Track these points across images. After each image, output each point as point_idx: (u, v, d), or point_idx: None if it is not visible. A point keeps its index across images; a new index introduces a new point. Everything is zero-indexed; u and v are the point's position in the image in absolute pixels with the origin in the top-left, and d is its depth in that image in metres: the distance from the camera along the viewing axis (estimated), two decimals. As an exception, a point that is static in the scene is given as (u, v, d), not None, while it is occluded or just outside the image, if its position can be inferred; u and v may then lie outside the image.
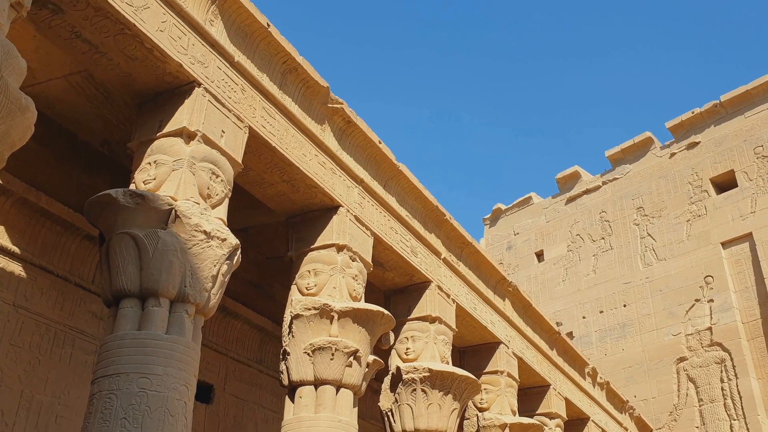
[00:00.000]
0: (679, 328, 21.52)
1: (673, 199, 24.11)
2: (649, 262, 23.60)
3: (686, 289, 22.03)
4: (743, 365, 19.60)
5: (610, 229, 25.47)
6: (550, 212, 28.02)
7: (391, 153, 10.45)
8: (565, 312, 24.81)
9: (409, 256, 10.72)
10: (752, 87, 23.41)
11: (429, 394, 10.03)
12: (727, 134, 23.68)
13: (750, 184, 22.27)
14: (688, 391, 20.45)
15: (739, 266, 21.43)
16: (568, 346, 16.12)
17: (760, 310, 20.31)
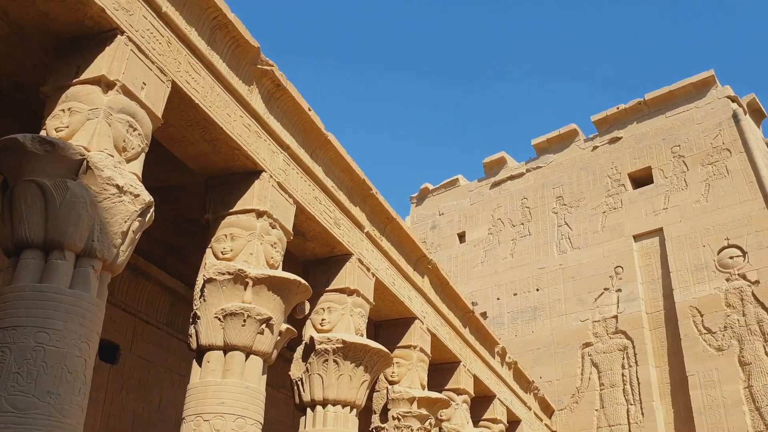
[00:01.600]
0: (587, 315, 22.38)
1: (592, 190, 24.92)
2: (564, 250, 24.37)
3: (597, 277, 22.90)
4: (644, 353, 20.60)
5: (530, 216, 26.13)
6: (475, 195, 28.48)
7: (320, 121, 10.31)
8: (481, 292, 25.38)
9: (332, 228, 10.66)
10: (675, 88, 24.34)
11: (341, 365, 10.07)
12: (648, 132, 24.59)
13: (665, 182, 23.23)
14: (591, 375, 21.35)
15: (648, 259, 22.41)
16: (480, 325, 16.50)
17: (663, 302, 21.34)
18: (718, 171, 22.17)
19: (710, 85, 23.82)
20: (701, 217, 21.66)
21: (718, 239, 20.91)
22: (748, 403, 18.19)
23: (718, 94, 23.60)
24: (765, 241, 19.95)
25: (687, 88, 24.17)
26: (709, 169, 22.42)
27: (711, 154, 22.63)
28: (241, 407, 7.92)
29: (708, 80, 23.78)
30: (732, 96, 23.37)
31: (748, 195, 21.11)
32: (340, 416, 9.90)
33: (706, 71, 23.91)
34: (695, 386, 19.12)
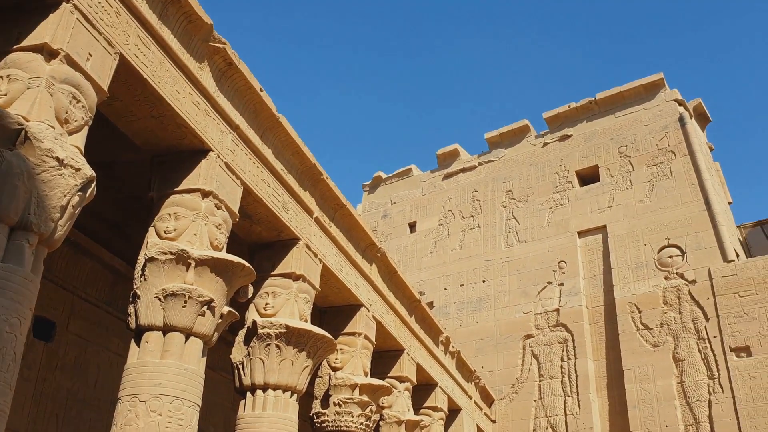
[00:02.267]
0: (530, 307, 22.80)
1: (541, 186, 25.32)
2: (510, 243, 24.74)
3: (541, 271, 23.33)
4: (583, 347, 21.11)
5: (480, 209, 26.42)
6: (428, 186, 28.63)
7: (271, 103, 10.18)
8: (429, 282, 25.58)
9: (280, 212, 10.56)
10: (625, 89, 24.86)
11: (283, 349, 10.02)
12: (597, 131, 25.09)
13: (611, 181, 23.76)
14: (531, 367, 21.78)
15: (591, 255, 22.93)
16: (426, 314, 16.64)
17: (603, 298, 21.88)
18: (663, 172, 22.77)
19: (659, 87, 24.41)
20: (644, 216, 22.24)
21: (658, 238, 21.51)
22: (680, 398, 18.83)
23: (666, 97, 24.20)
24: (703, 242, 20.61)
25: (637, 89, 24.72)
26: (654, 170, 23.01)
27: (656, 156, 23.22)
28: (179, 389, 7.81)
29: (657, 83, 24.37)
30: (679, 99, 24.01)
31: (689, 197, 21.75)
32: (280, 401, 9.86)
33: (655, 74, 24.48)
34: (630, 380, 19.70)
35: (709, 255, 20.33)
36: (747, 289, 18.99)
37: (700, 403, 18.42)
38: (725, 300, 19.20)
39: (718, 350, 18.70)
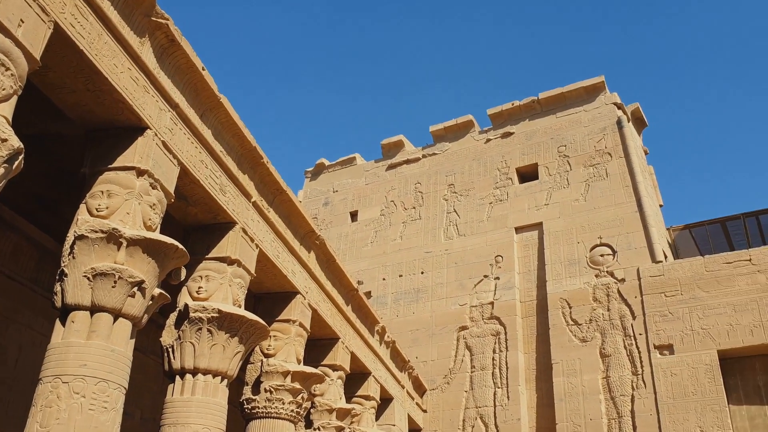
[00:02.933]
0: (466, 300, 23.14)
1: (482, 181, 25.68)
2: (450, 236, 25.02)
3: (478, 265, 23.69)
4: (514, 340, 21.56)
5: (422, 201, 26.62)
6: (371, 175, 28.64)
7: (213, 82, 9.99)
8: (368, 272, 25.65)
9: (217, 194, 10.40)
10: (567, 90, 25.39)
11: (215, 334, 9.89)
12: (538, 130, 25.58)
13: (549, 179, 24.26)
14: (464, 358, 22.13)
15: (526, 251, 23.40)
16: (363, 303, 16.69)
17: (536, 293, 22.38)
18: (599, 173, 23.38)
19: (600, 90, 25.02)
20: (579, 215, 22.82)
21: (591, 237, 22.11)
22: (605, 392, 19.46)
23: (606, 100, 24.83)
24: (634, 243, 21.28)
25: (578, 91, 25.28)
26: (591, 170, 23.61)
27: (593, 157, 23.83)
28: (105, 370, 7.63)
29: (598, 86, 24.97)
30: (618, 103, 24.67)
31: (623, 198, 22.40)
32: (210, 385, 9.74)
33: (597, 77, 25.07)
34: (558, 374, 20.24)
35: (639, 255, 21.01)
36: (673, 290, 19.71)
37: (624, 398, 19.08)
38: (652, 299, 19.89)
39: (643, 347, 19.38)
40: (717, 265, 19.48)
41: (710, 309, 18.92)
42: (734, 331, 18.40)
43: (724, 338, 18.43)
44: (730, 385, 18.43)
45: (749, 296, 18.59)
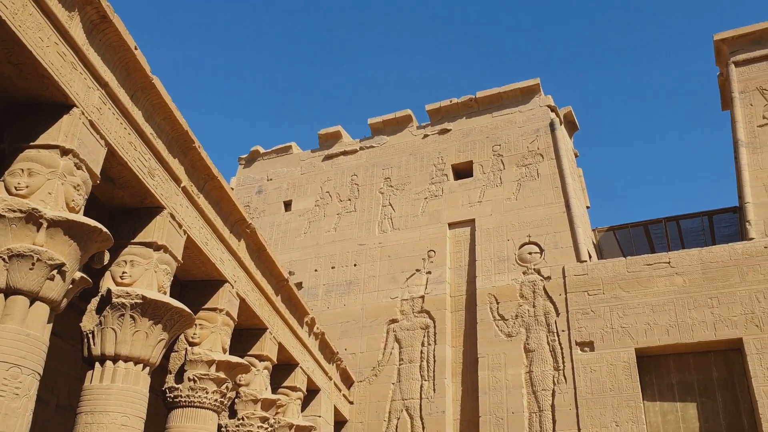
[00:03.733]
0: (398, 293, 23.32)
1: (418, 176, 25.89)
2: (384, 229, 25.14)
3: (411, 259, 23.90)
4: (443, 333, 21.87)
5: (358, 193, 26.63)
6: (307, 165, 28.47)
7: (146, 63, 9.72)
8: (300, 263, 25.51)
9: (145, 177, 10.13)
10: (504, 90, 25.83)
11: (138, 321, 9.66)
12: (475, 128, 25.96)
13: (483, 177, 24.67)
14: (393, 351, 22.31)
15: (458, 247, 23.75)
16: (293, 294, 16.59)
17: (466, 288, 22.75)
18: (530, 173, 23.92)
19: (535, 92, 25.56)
20: (510, 213, 23.29)
21: (521, 235, 22.62)
22: (527, 387, 19.98)
23: (541, 103, 25.40)
24: (561, 242, 21.88)
25: (514, 92, 25.76)
26: (523, 170, 24.13)
27: (526, 157, 24.35)
28: (18, 355, 7.35)
29: (533, 88, 25.51)
30: (552, 106, 25.27)
31: (552, 198, 22.99)
32: (131, 373, 9.51)
33: (533, 79, 25.60)
34: (484, 367, 20.65)
35: (565, 254, 21.62)
36: (596, 289, 20.38)
37: (545, 392, 19.64)
38: (575, 297, 20.51)
39: (565, 344, 19.97)
40: (638, 266, 20.24)
41: (630, 308, 19.65)
42: (651, 330, 19.17)
43: (641, 337, 19.17)
44: (645, 382, 19.21)
45: (667, 297, 19.40)
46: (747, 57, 22.96)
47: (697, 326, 18.72)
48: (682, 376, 19.11)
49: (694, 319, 18.83)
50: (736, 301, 18.61)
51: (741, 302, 18.55)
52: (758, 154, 21.07)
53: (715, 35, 23.57)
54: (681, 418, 18.68)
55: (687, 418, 18.62)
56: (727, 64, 23.30)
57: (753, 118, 21.82)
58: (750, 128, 21.67)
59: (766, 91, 22.08)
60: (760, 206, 20.12)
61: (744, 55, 23.03)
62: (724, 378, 18.70)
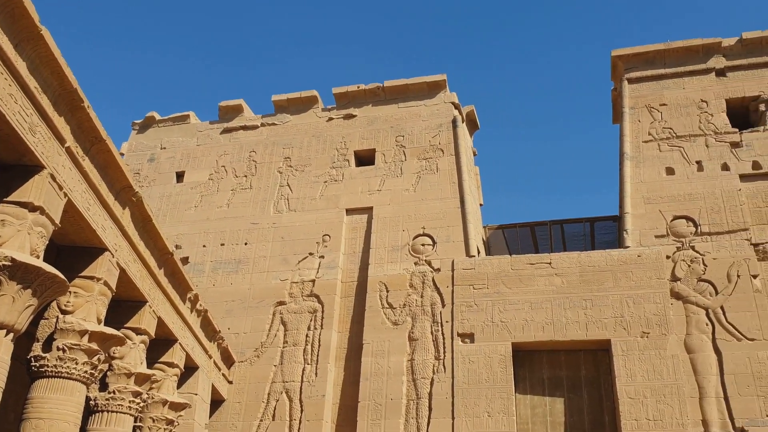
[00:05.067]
0: (288, 275, 23.11)
1: (319, 159, 25.72)
2: (280, 210, 24.83)
3: (305, 241, 23.73)
4: (330, 318, 21.90)
5: (255, 170, 26.14)
6: (204, 137, 27.63)
7: (35, 11, 9.07)
8: (188, 237, 24.78)
9: (25, 133, 9.47)
10: (411, 83, 26.06)
11: (5, 284, 9.05)
12: (380, 116, 26.07)
13: (384, 166, 24.83)
14: (277, 333, 22.11)
15: (354, 233, 23.82)
16: (177, 268, 16.09)
17: (358, 274, 22.87)
18: (430, 167, 24.31)
19: (441, 88, 25.95)
20: (407, 204, 23.60)
21: (416, 227, 22.97)
22: (408, 374, 20.37)
23: (445, 99, 25.82)
24: (453, 236, 22.39)
25: (421, 85, 26.05)
26: (423, 163, 24.48)
27: (427, 151, 24.72)
28: None
29: (440, 83, 25.89)
30: (456, 103, 25.75)
31: (448, 193, 23.47)
32: (-9, 339, 8.89)
33: (440, 75, 25.97)
34: (368, 354, 20.87)
35: (456, 248, 22.16)
36: (481, 283, 21.02)
37: (425, 380, 20.09)
38: (461, 290, 21.07)
39: (448, 334, 20.50)
40: (521, 264, 21.04)
41: (511, 304, 20.41)
42: (529, 326, 20.00)
43: (519, 332, 19.97)
44: (519, 376, 20.05)
45: (545, 296, 20.30)
46: (640, 75, 24.27)
47: (571, 325, 19.70)
48: (554, 371, 20.09)
49: (569, 318, 19.80)
50: (608, 304, 19.73)
51: (612, 305, 19.68)
52: (641, 168, 22.36)
53: (613, 51, 24.75)
54: (549, 411, 19.65)
55: (554, 412, 19.61)
56: (621, 80, 24.54)
57: (639, 134, 23.12)
58: (636, 143, 22.95)
59: (654, 110, 23.44)
60: (638, 217, 21.38)
61: (637, 73, 24.33)
62: (591, 376, 19.81)
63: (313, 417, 20.37)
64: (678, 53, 24.11)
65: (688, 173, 21.85)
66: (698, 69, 23.76)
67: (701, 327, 19.10)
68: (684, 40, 24.13)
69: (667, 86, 23.83)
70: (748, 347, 18.48)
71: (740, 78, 23.34)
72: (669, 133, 22.82)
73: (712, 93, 23.28)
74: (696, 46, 23.92)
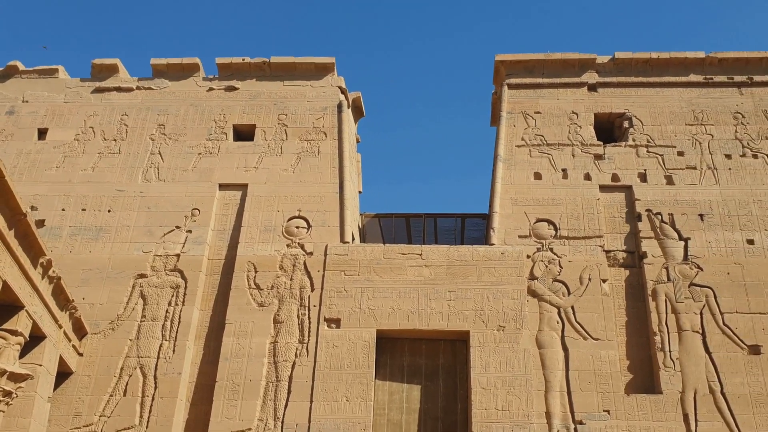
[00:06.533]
0: (152, 248, 22.12)
1: (196, 129, 24.80)
2: (149, 179, 23.72)
3: (173, 214, 22.80)
4: (194, 295, 21.20)
5: (126, 135, 24.82)
6: (73, 94, 25.89)
7: None
8: (46, 199, 23.14)
9: None
10: (299, 61, 25.67)
11: None
12: (264, 92, 25.51)
13: (263, 143, 24.34)
14: (136, 306, 21.13)
15: (226, 209, 23.17)
16: (30, 231, 14.98)
17: (227, 252, 22.28)
18: (311, 149, 24.11)
19: (329, 71, 25.77)
20: (284, 184, 23.27)
21: (292, 208, 22.70)
22: (270, 356, 20.13)
23: (333, 82, 25.68)
24: (329, 221, 22.35)
25: (309, 66, 25.74)
26: (305, 144, 24.23)
27: (310, 132, 24.49)
28: None
29: (328, 66, 25.70)
30: (343, 88, 25.67)
31: (328, 178, 23.39)
32: None
33: (329, 57, 25.75)
34: (230, 334, 20.42)
35: (330, 233, 22.13)
36: (352, 270, 21.13)
37: (286, 363, 19.95)
38: (332, 276, 21.10)
39: (314, 319, 20.45)
40: (394, 254, 21.37)
41: (379, 292, 20.69)
42: (395, 314, 20.37)
43: (385, 320, 20.28)
44: (380, 363, 20.38)
45: (413, 286, 20.73)
46: (519, 82, 25.26)
47: (435, 316, 20.26)
48: (414, 359, 20.60)
49: (433, 308, 20.35)
50: (471, 298, 20.45)
51: (474, 299, 20.43)
52: (512, 170, 23.31)
53: (497, 56, 25.61)
54: (405, 398, 20.13)
55: (410, 399, 20.12)
56: (502, 84, 25.44)
57: (514, 138, 24.09)
58: (509, 147, 23.89)
59: (529, 117, 24.50)
60: (505, 217, 22.29)
61: (517, 79, 25.31)
62: (448, 365, 20.49)
63: (167, 394, 19.69)
64: (556, 65, 25.31)
65: (553, 180, 23.02)
66: (573, 82, 25.07)
67: (552, 324, 20.24)
68: (562, 53, 25.36)
69: (543, 95, 24.97)
70: (592, 346, 19.79)
71: (609, 95, 24.88)
72: (540, 140, 23.93)
73: (583, 106, 24.64)
74: (573, 60, 25.21)
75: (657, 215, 21.92)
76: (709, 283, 20.62)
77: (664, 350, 19.59)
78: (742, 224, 21.65)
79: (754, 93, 24.51)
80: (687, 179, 22.73)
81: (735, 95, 24.53)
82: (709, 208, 22.01)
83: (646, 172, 22.95)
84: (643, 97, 24.62)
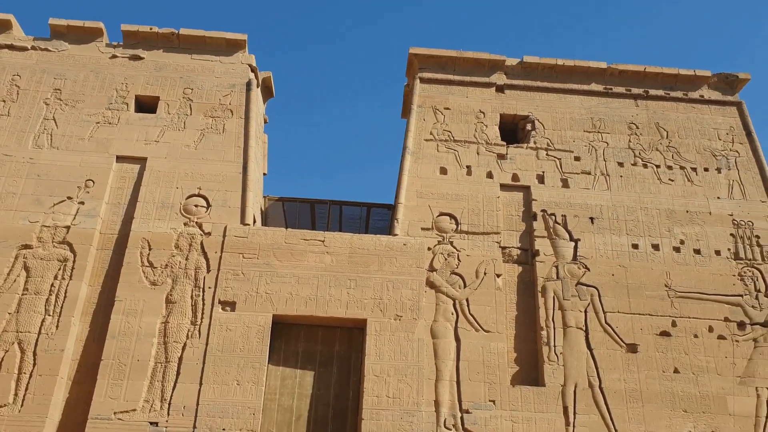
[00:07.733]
0: (40, 218, 20.94)
1: (95, 97, 23.63)
2: (41, 145, 22.42)
3: (65, 184, 21.67)
4: (82, 270, 20.24)
5: (17, 97, 23.32)
6: (-41, 48, 24.06)
7: None
8: None
9: None
10: (209, 36, 24.90)
11: None
12: (170, 64, 24.61)
13: (167, 117, 23.50)
14: (18, 278, 19.96)
15: (123, 183, 22.23)
16: None
17: (120, 228, 21.38)
18: (216, 126, 23.49)
19: (240, 48, 25.16)
20: (186, 161, 22.58)
21: (192, 186, 22.06)
22: (160, 337, 19.53)
23: (243, 60, 25.09)
24: (230, 201, 21.87)
25: (220, 41, 25.04)
26: (210, 121, 23.58)
27: (216, 109, 23.85)
28: None
29: (240, 43, 25.09)
30: (253, 66, 25.14)
31: (232, 157, 22.87)
32: None
33: (241, 34, 25.14)
34: (119, 312, 19.65)
35: (231, 214, 21.67)
36: (252, 253, 20.79)
37: (177, 344, 19.42)
38: (230, 258, 20.68)
39: (208, 301, 19.99)
40: (295, 239, 21.18)
41: (278, 277, 20.46)
42: (293, 300, 20.22)
43: (282, 305, 20.10)
44: (274, 347, 20.20)
45: (314, 272, 20.64)
46: (431, 77, 25.58)
47: (333, 303, 20.27)
48: (309, 345, 20.55)
49: (332, 296, 20.34)
50: (370, 286, 20.59)
51: (374, 288, 20.58)
52: (419, 163, 23.61)
53: (411, 49, 25.80)
54: (298, 384, 20.06)
55: (303, 385, 20.07)
56: (414, 78, 25.68)
57: (422, 132, 24.39)
58: (418, 140, 24.18)
59: (439, 112, 24.87)
60: (409, 209, 22.58)
61: (429, 74, 25.62)
62: (344, 352, 20.57)
63: (47, 372, 18.74)
64: (468, 63, 25.79)
65: (458, 175, 23.50)
66: (482, 81, 25.63)
67: (447, 315, 20.72)
68: (474, 52, 25.86)
69: (453, 92, 25.40)
70: (483, 338, 20.41)
71: (516, 97, 25.61)
72: (448, 136, 24.35)
73: (490, 106, 25.26)
74: (484, 60, 25.77)
75: (551, 216, 22.83)
76: (594, 283, 21.70)
77: (549, 345, 20.47)
78: (629, 229, 22.88)
79: (649, 105, 25.91)
80: (581, 183, 23.77)
81: (631, 107, 25.84)
82: (599, 212, 23.12)
83: (544, 174, 23.82)
84: (546, 101, 25.52)
